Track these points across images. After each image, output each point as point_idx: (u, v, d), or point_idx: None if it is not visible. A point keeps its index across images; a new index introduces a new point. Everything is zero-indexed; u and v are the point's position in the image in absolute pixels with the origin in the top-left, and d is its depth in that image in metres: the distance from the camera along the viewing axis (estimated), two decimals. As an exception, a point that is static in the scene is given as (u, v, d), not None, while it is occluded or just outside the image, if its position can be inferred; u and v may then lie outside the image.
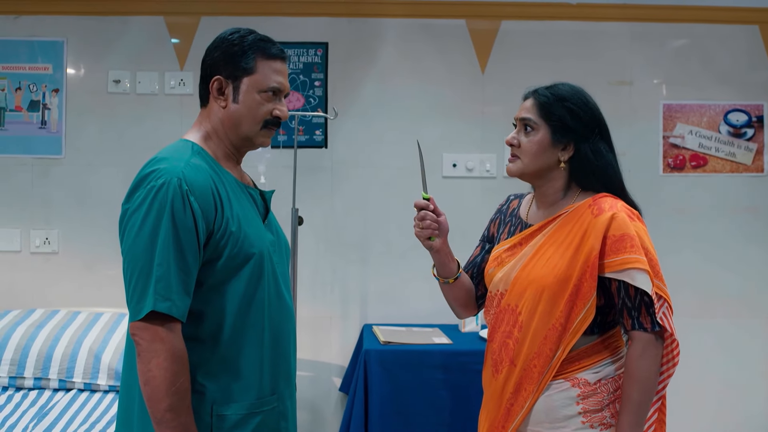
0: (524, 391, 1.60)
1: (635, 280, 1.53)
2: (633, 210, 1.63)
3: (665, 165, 3.42)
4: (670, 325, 1.56)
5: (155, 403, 1.38)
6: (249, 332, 1.51)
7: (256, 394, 1.52)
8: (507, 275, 1.67)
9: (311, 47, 3.34)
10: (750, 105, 3.42)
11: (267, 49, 1.57)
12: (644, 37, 3.41)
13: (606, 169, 1.64)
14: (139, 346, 1.40)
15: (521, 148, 1.66)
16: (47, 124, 3.31)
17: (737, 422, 3.41)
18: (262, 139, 1.61)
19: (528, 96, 1.69)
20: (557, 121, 1.62)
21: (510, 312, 1.65)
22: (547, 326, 1.57)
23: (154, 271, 1.39)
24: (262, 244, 1.54)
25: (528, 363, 1.59)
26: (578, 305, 1.55)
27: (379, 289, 3.37)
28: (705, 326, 3.40)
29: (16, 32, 3.30)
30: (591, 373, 1.60)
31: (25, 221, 3.31)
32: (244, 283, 1.50)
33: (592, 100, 1.68)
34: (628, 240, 1.54)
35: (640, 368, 1.54)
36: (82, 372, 2.71)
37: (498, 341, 1.67)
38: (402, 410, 2.73)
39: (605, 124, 1.67)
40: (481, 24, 3.37)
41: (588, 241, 1.55)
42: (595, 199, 1.62)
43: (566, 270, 1.56)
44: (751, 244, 3.42)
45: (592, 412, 1.58)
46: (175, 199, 1.41)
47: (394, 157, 3.37)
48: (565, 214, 1.64)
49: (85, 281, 3.30)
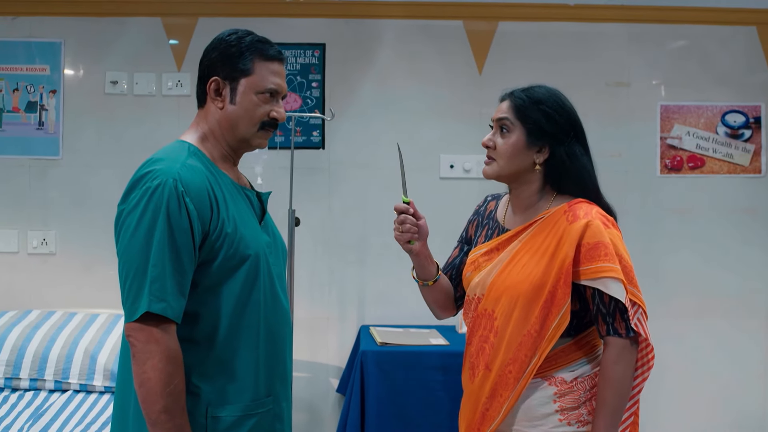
0: (500, 396, 1.61)
1: (609, 288, 1.54)
2: (608, 216, 1.64)
3: (663, 166, 3.42)
4: (645, 330, 1.57)
5: (150, 405, 1.38)
6: (244, 334, 1.51)
7: (252, 396, 1.52)
8: (483, 280, 1.68)
9: (309, 48, 3.34)
10: (747, 106, 3.42)
11: (265, 51, 1.57)
12: (642, 39, 3.41)
13: (580, 172, 1.65)
14: (134, 348, 1.40)
15: (497, 149, 1.66)
16: (45, 125, 3.31)
17: (735, 422, 3.40)
18: (258, 140, 1.60)
19: (504, 98, 1.70)
20: (532, 123, 1.63)
21: (487, 317, 1.66)
22: (522, 332, 1.58)
23: (149, 272, 1.39)
24: (257, 245, 1.54)
25: (503, 369, 1.61)
26: (553, 312, 1.56)
27: (376, 290, 3.37)
28: (703, 327, 3.40)
29: (14, 33, 3.30)
30: (567, 372, 1.61)
31: (23, 222, 3.31)
32: (239, 285, 1.49)
33: (569, 102, 1.69)
34: (602, 248, 1.55)
35: (616, 373, 1.55)
36: (78, 373, 2.71)
37: (475, 345, 1.69)
38: (399, 411, 2.73)
39: (581, 127, 1.68)
40: (478, 25, 3.37)
41: (563, 249, 1.57)
42: (571, 205, 1.63)
43: (541, 277, 1.58)
44: (749, 245, 3.42)
45: (569, 410, 1.60)
46: (171, 200, 1.41)
47: (392, 158, 3.33)
48: (541, 220, 1.65)
49: (83, 282, 3.30)
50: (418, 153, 3.37)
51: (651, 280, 3.40)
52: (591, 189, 1.66)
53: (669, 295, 3.41)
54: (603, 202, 1.68)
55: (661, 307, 3.40)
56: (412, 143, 3.37)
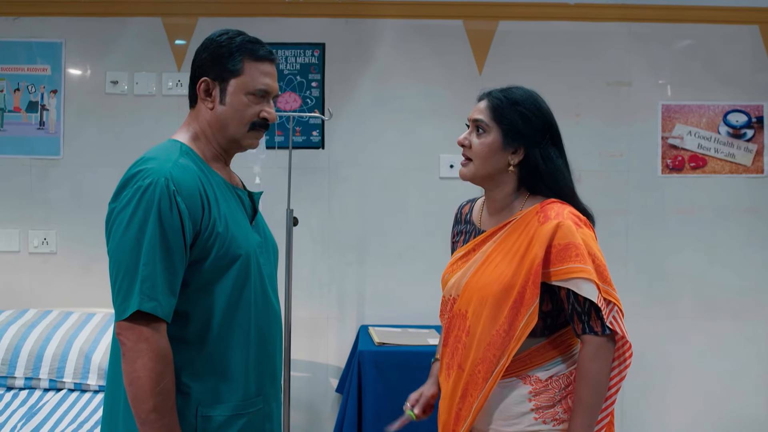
0: (470, 396, 1.62)
1: (581, 289, 1.54)
2: (580, 216, 1.63)
3: (664, 166, 3.40)
4: (621, 328, 1.57)
5: (139, 404, 1.38)
6: (235, 333, 1.51)
7: (242, 396, 1.52)
8: (458, 281, 1.69)
9: (308, 48, 3.34)
10: (750, 106, 3.40)
11: (255, 51, 1.56)
12: (643, 38, 3.39)
13: (555, 174, 1.65)
14: (124, 346, 1.40)
15: (472, 149, 1.66)
16: (45, 125, 3.32)
17: (738, 422, 3.38)
18: (249, 140, 1.60)
19: (482, 97, 1.70)
20: (508, 124, 1.63)
21: (461, 317, 1.67)
22: (491, 332, 1.59)
23: (140, 270, 1.39)
24: (248, 245, 1.54)
25: (473, 369, 1.61)
26: (522, 312, 1.56)
27: (375, 290, 3.37)
28: (705, 327, 3.38)
29: (15, 33, 3.32)
30: (542, 371, 1.62)
31: (24, 222, 3.32)
32: (230, 284, 1.50)
33: (546, 104, 1.68)
34: (573, 249, 1.54)
35: (592, 371, 1.55)
36: (72, 372, 2.71)
37: (450, 345, 1.70)
38: (396, 411, 2.69)
39: (557, 129, 1.68)
40: (478, 24, 3.36)
41: (533, 249, 1.57)
42: (543, 205, 1.63)
43: (511, 278, 1.58)
44: (752, 245, 3.40)
45: (545, 408, 1.60)
46: (162, 199, 1.41)
47: (392, 157, 3.37)
48: (514, 221, 1.65)
49: (84, 281, 3.31)
50: (418, 153, 3.37)
51: (653, 281, 3.39)
52: (566, 192, 1.66)
53: (671, 295, 3.39)
54: (579, 204, 1.67)
55: (663, 308, 3.38)
56: (412, 143, 3.37)
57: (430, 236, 3.36)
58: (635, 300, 3.36)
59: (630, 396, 3.30)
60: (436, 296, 1.88)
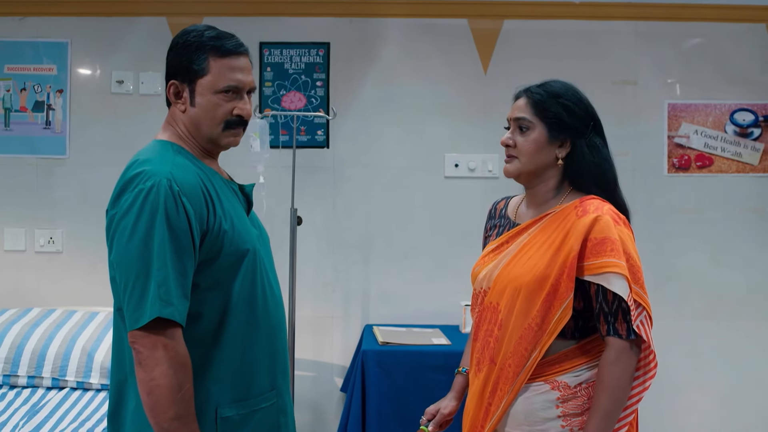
0: (500, 390, 1.58)
1: (611, 284, 1.50)
2: (620, 214, 1.60)
3: (670, 165, 3.38)
4: (647, 335, 1.52)
5: (160, 413, 1.34)
6: (247, 329, 1.49)
7: (258, 391, 1.50)
8: (490, 273, 1.65)
9: (313, 47, 3.34)
10: (757, 104, 3.38)
11: (220, 47, 1.49)
12: (649, 36, 3.37)
13: (602, 164, 1.62)
14: (140, 354, 1.35)
15: (517, 147, 1.63)
16: (51, 124, 3.33)
17: (745, 424, 3.36)
18: (226, 139, 1.54)
19: (520, 95, 1.67)
20: (553, 118, 1.60)
21: (492, 310, 1.63)
22: (524, 325, 1.55)
23: (153, 276, 1.35)
24: (252, 239, 1.53)
25: (504, 362, 1.58)
26: (555, 305, 1.52)
27: (380, 289, 3.37)
28: (711, 328, 3.36)
29: (22, 33, 3.33)
30: (571, 377, 1.57)
31: (30, 221, 3.34)
32: (240, 280, 1.47)
33: (584, 95, 1.66)
34: (609, 243, 1.51)
35: (612, 375, 1.50)
36: (75, 370, 2.72)
37: (481, 339, 1.66)
38: (399, 411, 2.72)
39: (599, 118, 1.66)
40: (483, 23, 3.35)
41: (569, 242, 1.53)
42: (582, 200, 1.60)
43: (545, 269, 1.54)
44: (759, 245, 3.38)
45: (572, 416, 1.55)
46: (168, 201, 1.37)
47: (396, 157, 3.37)
48: (552, 214, 1.62)
49: (90, 280, 3.32)
50: (423, 152, 3.37)
51: (659, 280, 3.37)
52: (611, 181, 1.63)
53: (677, 295, 3.37)
54: (619, 197, 1.64)
55: (670, 308, 3.36)
56: (417, 142, 3.37)
57: (434, 235, 3.36)
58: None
59: (635, 396, 3.29)
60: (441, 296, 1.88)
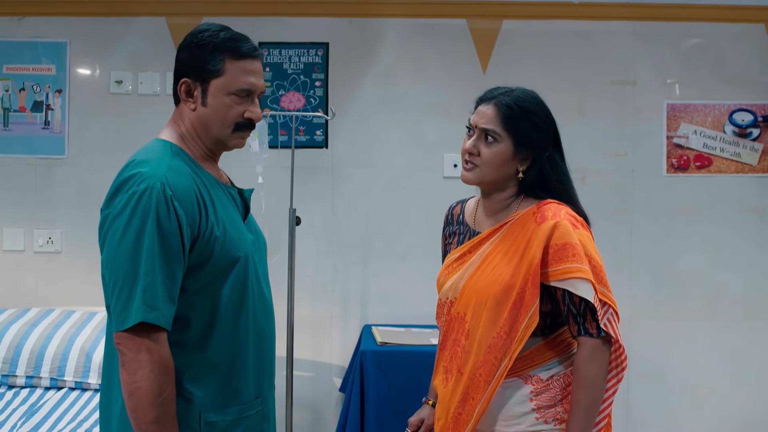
0: (471, 400, 1.59)
1: (577, 289, 1.53)
2: (577, 217, 1.61)
3: (669, 165, 3.38)
4: (615, 331, 1.55)
5: (140, 415, 1.35)
6: (235, 336, 1.49)
7: (243, 399, 1.51)
8: (456, 284, 1.67)
9: (312, 47, 3.34)
10: (756, 105, 3.38)
11: (236, 49, 1.49)
12: (648, 36, 3.37)
13: (560, 179, 1.64)
14: (124, 356, 1.36)
15: (481, 157, 1.62)
16: (50, 124, 3.33)
17: (743, 424, 3.36)
18: (234, 141, 1.55)
19: (486, 101, 1.64)
20: (521, 135, 1.60)
21: (459, 320, 1.65)
22: (492, 334, 1.57)
23: (140, 279, 1.35)
24: (245, 246, 1.52)
25: (474, 372, 1.59)
26: (522, 313, 1.55)
27: (379, 289, 3.37)
28: (711, 328, 3.36)
29: (20, 33, 3.33)
30: (543, 371, 1.61)
31: (29, 221, 3.34)
32: (229, 287, 1.47)
33: (548, 107, 1.66)
34: (570, 248, 1.53)
35: (588, 372, 1.54)
36: (74, 371, 2.72)
37: (449, 349, 1.68)
38: (398, 411, 2.71)
39: (558, 132, 1.67)
40: (482, 24, 3.35)
41: (531, 250, 1.55)
42: (540, 206, 1.62)
43: (510, 279, 1.57)
44: (758, 245, 3.38)
45: (546, 408, 1.59)
46: (160, 204, 1.37)
47: (395, 157, 3.37)
48: (511, 222, 1.64)
49: (88, 280, 3.30)
50: (422, 152, 3.36)
51: (658, 281, 3.38)
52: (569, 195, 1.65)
53: (676, 296, 3.37)
54: (578, 206, 1.66)
55: (668, 308, 3.37)
56: (416, 142, 3.37)
57: (433, 236, 3.31)
58: (640, 300, 3.36)
59: (635, 396, 3.29)
60: (439, 296, 1.88)
